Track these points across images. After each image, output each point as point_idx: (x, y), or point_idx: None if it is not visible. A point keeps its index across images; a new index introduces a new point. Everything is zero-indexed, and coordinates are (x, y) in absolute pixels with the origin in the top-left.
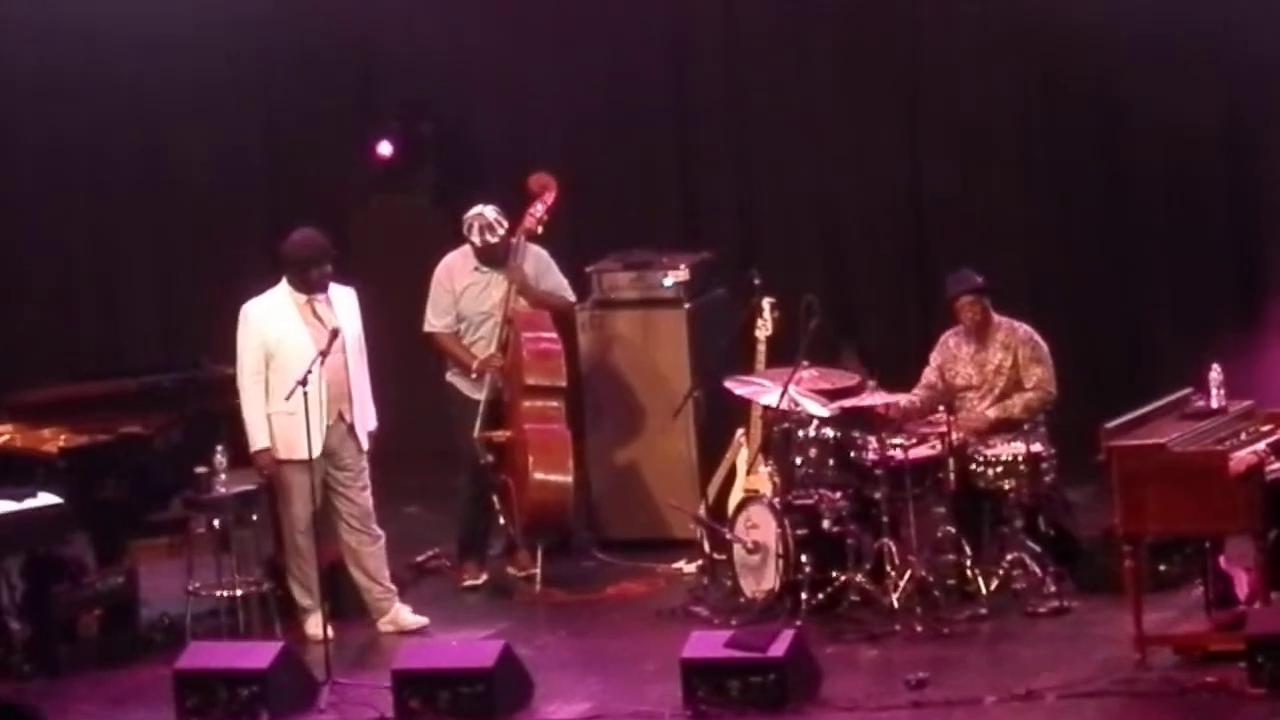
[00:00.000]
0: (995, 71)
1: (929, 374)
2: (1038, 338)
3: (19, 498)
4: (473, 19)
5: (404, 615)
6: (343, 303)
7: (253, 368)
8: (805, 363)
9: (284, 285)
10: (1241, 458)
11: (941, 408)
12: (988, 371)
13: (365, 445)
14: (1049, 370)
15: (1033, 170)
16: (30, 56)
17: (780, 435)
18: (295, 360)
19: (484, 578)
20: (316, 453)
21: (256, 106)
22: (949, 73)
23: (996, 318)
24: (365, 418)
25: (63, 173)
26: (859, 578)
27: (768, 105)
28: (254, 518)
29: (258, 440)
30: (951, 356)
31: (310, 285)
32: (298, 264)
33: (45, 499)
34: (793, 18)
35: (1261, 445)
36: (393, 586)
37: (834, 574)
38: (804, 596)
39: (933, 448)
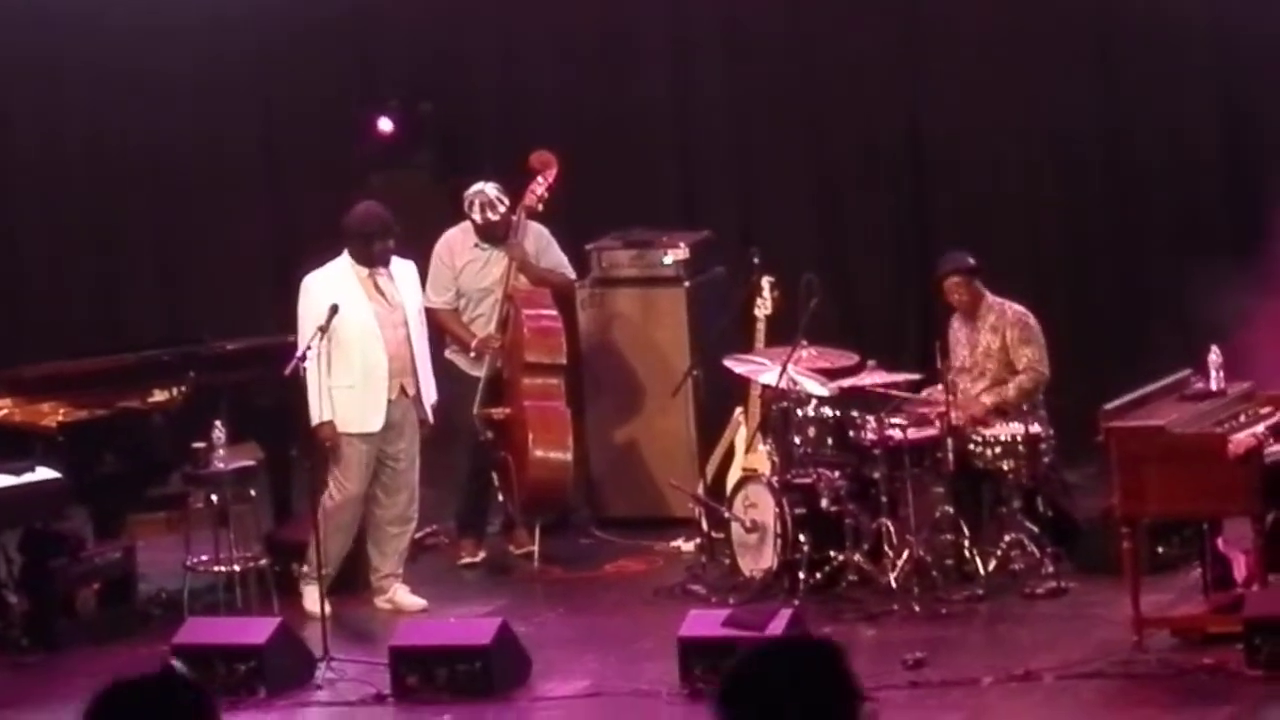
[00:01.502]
0: (996, 51)
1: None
2: (1029, 318)
3: (17, 471)
4: None
5: (403, 596)
6: (404, 276)
7: (313, 339)
8: (804, 341)
9: (345, 258)
10: (1241, 440)
11: (940, 387)
12: (978, 354)
13: (430, 418)
14: (1039, 350)
15: (1033, 150)
16: (28, 38)
17: (779, 414)
18: (356, 333)
19: (482, 555)
20: (379, 426)
21: (256, 84)
22: (950, 50)
23: (990, 299)
24: (428, 390)
25: (62, 150)
26: (857, 557)
27: (767, 82)
28: (252, 493)
29: (320, 412)
30: (953, 339)
31: (373, 258)
32: (360, 237)
33: (44, 473)
34: None
35: (1260, 427)
36: (400, 570)
37: (832, 553)
38: (802, 576)
39: (932, 428)
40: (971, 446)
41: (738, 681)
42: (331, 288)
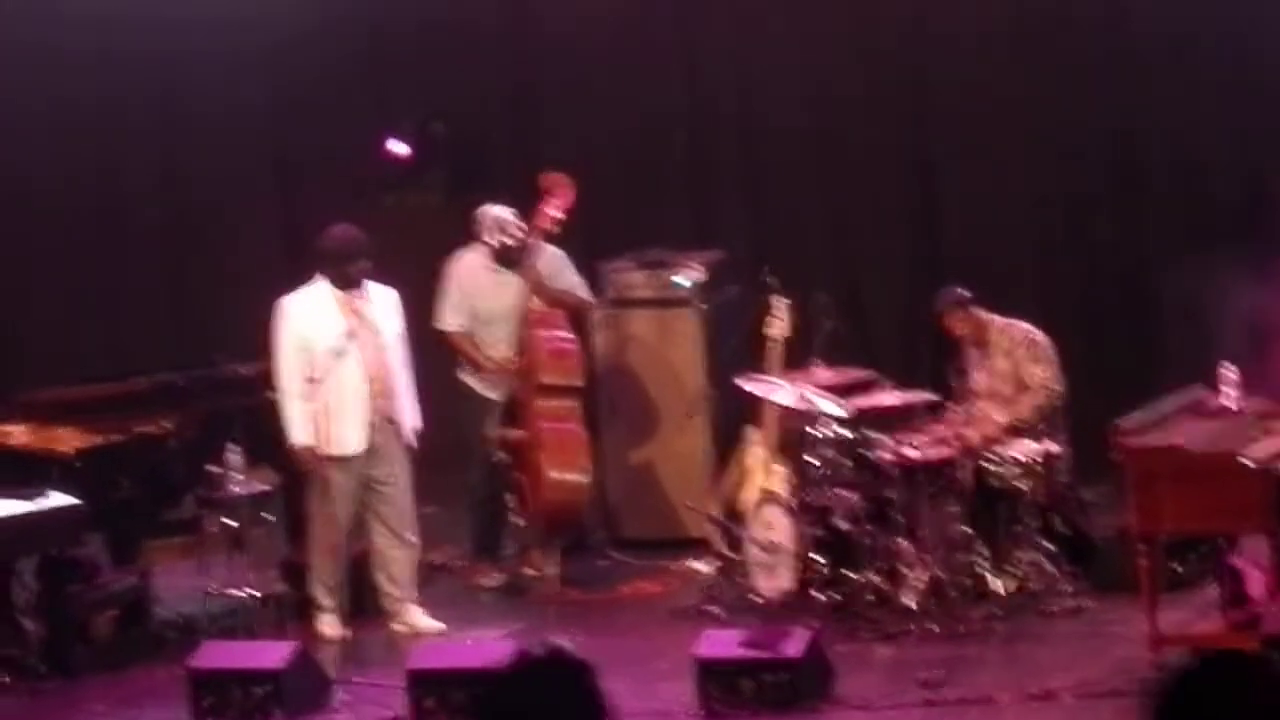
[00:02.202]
0: (1005, 69)
1: (978, 379)
2: (1037, 336)
3: (29, 497)
4: (485, 19)
5: (419, 618)
6: (383, 301)
7: (292, 363)
8: (819, 361)
9: (322, 281)
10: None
11: (959, 407)
12: (994, 378)
13: (413, 443)
14: (1050, 367)
15: (1043, 168)
16: (39, 65)
17: (795, 435)
18: (335, 356)
19: (498, 577)
20: (361, 448)
21: (269, 106)
22: (958, 72)
23: (998, 322)
24: (411, 416)
25: (73, 172)
26: (874, 577)
27: (780, 103)
28: (267, 517)
29: (298, 436)
30: (969, 363)
31: (348, 280)
32: (336, 258)
33: (59, 499)
34: (802, 17)
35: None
36: (415, 594)
37: (849, 574)
38: (819, 596)
39: (948, 448)
40: (988, 466)
41: (487, 708)
42: (309, 311)
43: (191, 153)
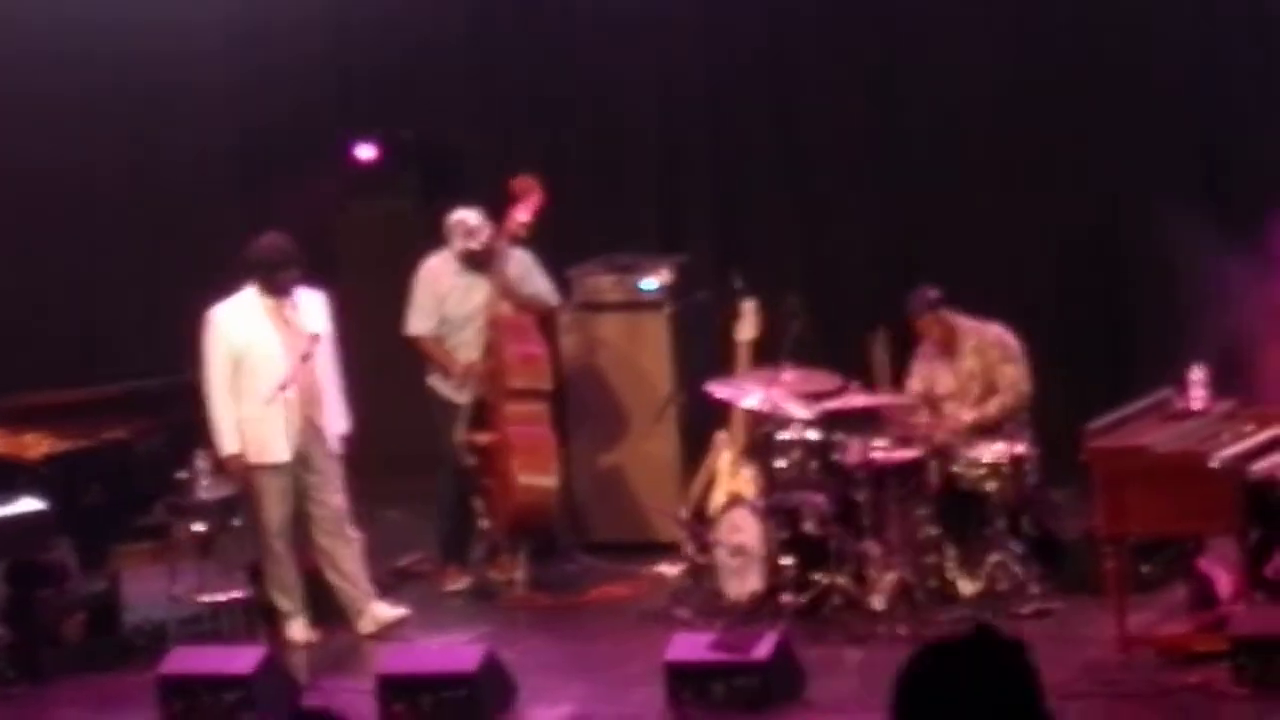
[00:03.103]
0: (976, 72)
1: (913, 384)
2: (1008, 337)
3: (1, 503)
4: (455, 24)
5: (381, 611)
6: (311, 306)
7: (221, 372)
8: (787, 364)
9: (251, 289)
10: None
11: (925, 410)
12: (963, 379)
13: (336, 449)
14: (1020, 368)
15: (1013, 169)
16: (6, 58)
17: (762, 438)
18: (264, 364)
19: (467, 581)
20: (288, 456)
21: (237, 111)
22: (929, 72)
23: (967, 323)
24: (335, 421)
25: (42, 178)
26: (842, 580)
27: (749, 106)
28: (236, 522)
29: (228, 445)
30: (929, 368)
31: (278, 289)
32: (264, 267)
33: (28, 505)
34: (770, 20)
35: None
36: (369, 587)
37: (817, 576)
38: (787, 599)
39: (915, 449)
40: (956, 468)
41: (919, 687)
42: (238, 319)
43: (161, 160)
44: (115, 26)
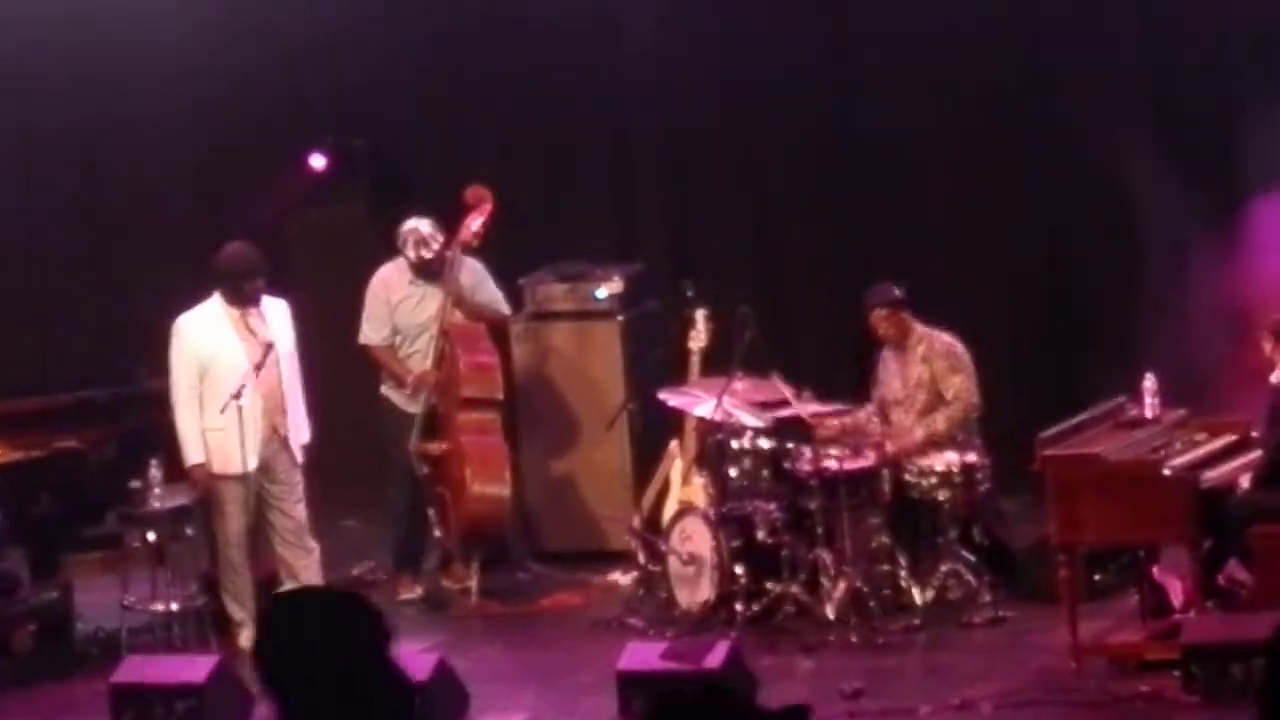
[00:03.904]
0: (928, 79)
1: (878, 392)
2: (957, 348)
3: None
4: (407, 34)
5: None
6: (275, 315)
7: (187, 382)
8: (739, 373)
9: (216, 299)
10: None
11: (876, 418)
12: (910, 386)
13: (299, 459)
14: (968, 379)
15: (965, 177)
16: None
17: (714, 446)
18: (229, 374)
19: (419, 590)
20: (251, 466)
21: (189, 120)
22: (881, 82)
23: (920, 329)
24: (299, 431)
25: None
26: (794, 589)
27: (701, 116)
28: (189, 532)
29: (192, 455)
30: (884, 370)
31: (243, 298)
32: (231, 277)
33: None
34: (722, 27)
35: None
36: None
37: (769, 585)
38: (739, 608)
39: (867, 459)
40: (907, 477)
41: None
42: (203, 329)
43: (113, 167)
44: (65, 22)
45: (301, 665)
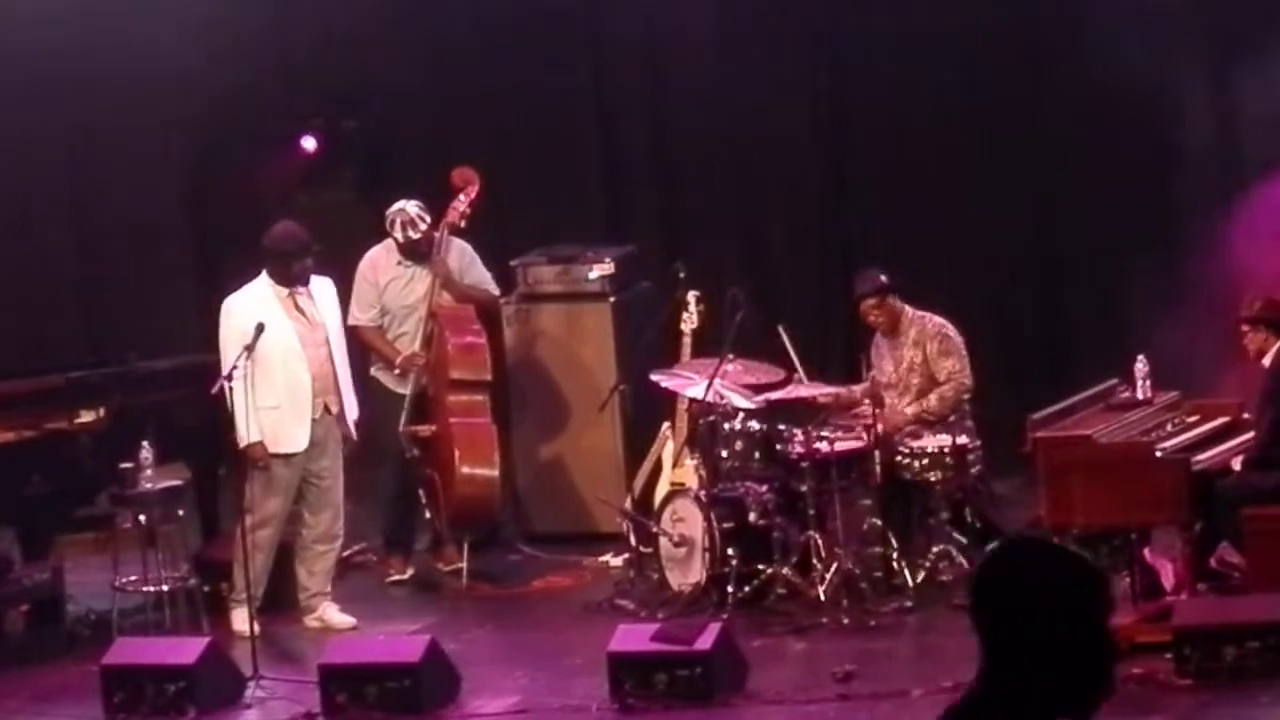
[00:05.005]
0: (916, 63)
1: (869, 375)
2: (949, 330)
3: None
4: (396, 14)
5: (332, 614)
6: (323, 294)
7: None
8: (730, 355)
9: (264, 278)
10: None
11: (867, 401)
12: (902, 369)
13: (354, 434)
14: (961, 361)
15: (953, 160)
16: None
17: (706, 428)
18: (279, 353)
19: (410, 572)
20: (305, 444)
21: (180, 103)
22: (869, 65)
23: (911, 312)
24: (351, 408)
25: None
26: (785, 570)
27: (691, 98)
28: (180, 513)
29: (248, 433)
30: (877, 354)
31: (292, 278)
32: (279, 256)
33: None
34: (712, 11)
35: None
36: (329, 590)
37: (760, 567)
38: (730, 589)
39: (859, 440)
40: (899, 458)
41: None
42: (253, 309)
43: (103, 150)
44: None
45: (1018, 617)
